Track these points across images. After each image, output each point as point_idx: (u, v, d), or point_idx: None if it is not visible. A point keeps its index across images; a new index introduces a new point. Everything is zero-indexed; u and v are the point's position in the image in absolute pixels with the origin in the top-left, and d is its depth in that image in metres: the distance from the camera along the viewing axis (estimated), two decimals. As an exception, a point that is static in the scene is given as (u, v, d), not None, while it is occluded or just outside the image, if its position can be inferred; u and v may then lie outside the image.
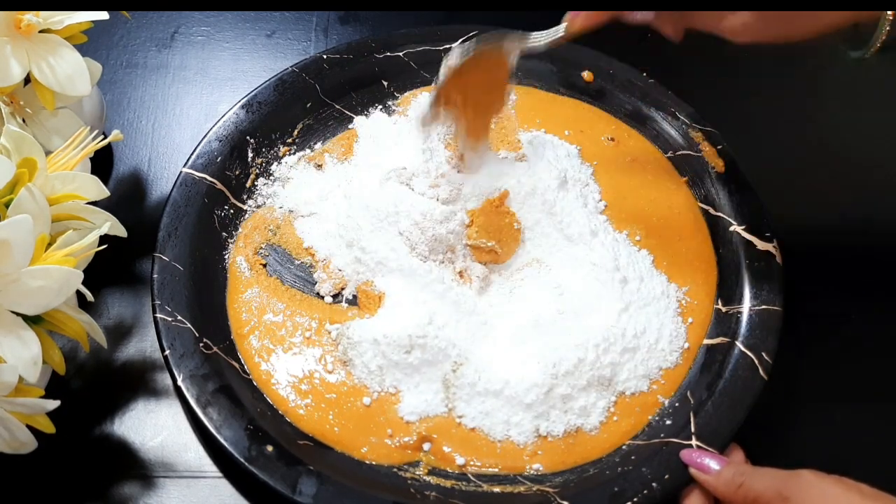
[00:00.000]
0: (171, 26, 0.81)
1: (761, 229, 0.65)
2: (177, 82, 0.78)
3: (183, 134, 0.75)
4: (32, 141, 0.54)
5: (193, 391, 0.58)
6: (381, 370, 0.60)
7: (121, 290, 0.66)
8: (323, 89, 0.73)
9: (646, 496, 0.55)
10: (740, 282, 0.64)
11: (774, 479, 0.50)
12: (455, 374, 0.60)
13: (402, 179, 0.66)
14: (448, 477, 0.58)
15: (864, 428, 0.63)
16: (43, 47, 0.59)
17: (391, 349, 0.60)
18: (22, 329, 0.51)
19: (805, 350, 0.64)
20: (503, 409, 0.59)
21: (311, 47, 0.81)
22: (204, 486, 0.59)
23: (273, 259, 0.66)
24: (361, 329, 0.61)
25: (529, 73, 0.75)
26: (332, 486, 0.55)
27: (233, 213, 0.68)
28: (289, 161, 0.71)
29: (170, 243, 0.64)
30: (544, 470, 0.58)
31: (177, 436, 0.61)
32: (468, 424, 0.59)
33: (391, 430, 0.59)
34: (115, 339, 0.64)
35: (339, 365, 0.61)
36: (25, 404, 0.51)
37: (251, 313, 0.63)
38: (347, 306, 0.64)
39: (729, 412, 0.58)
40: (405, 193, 0.65)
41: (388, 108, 0.74)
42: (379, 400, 0.60)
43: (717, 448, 0.57)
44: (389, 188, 0.65)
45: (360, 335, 0.61)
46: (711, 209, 0.68)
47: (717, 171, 0.69)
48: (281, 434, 0.58)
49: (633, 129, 0.72)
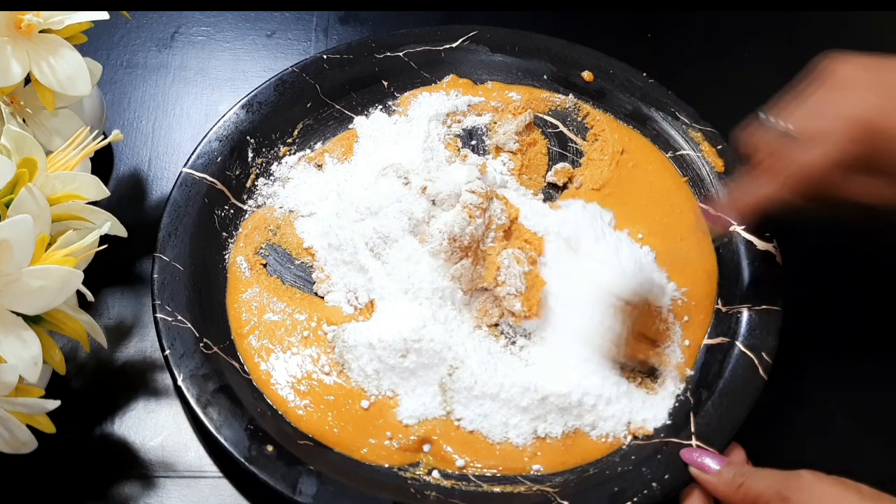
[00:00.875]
0: (172, 26, 0.81)
1: (761, 229, 0.65)
2: (177, 82, 0.78)
3: (183, 134, 0.75)
4: (33, 141, 0.54)
5: (193, 391, 0.58)
6: (377, 374, 0.60)
7: (121, 290, 0.66)
8: (323, 89, 0.73)
9: (646, 496, 0.55)
10: (740, 282, 0.64)
11: (774, 480, 0.50)
12: (451, 378, 0.60)
13: (399, 173, 0.65)
14: (448, 477, 0.58)
15: (864, 428, 0.63)
16: (43, 47, 0.59)
17: (387, 353, 0.59)
18: (22, 329, 0.51)
19: (805, 350, 0.64)
20: (500, 411, 0.59)
21: (311, 47, 0.81)
22: (204, 486, 0.59)
23: (273, 259, 0.66)
24: (356, 333, 0.61)
25: (529, 72, 0.75)
26: (332, 486, 0.55)
27: (233, 213, 0.68)
28: (289, 161, 0.71)
29: (170, 243, 0.64)
30: (544, 471, 0.58)
31: (177, 435, 0.61)
32: (467, 427, 0.59)
33: (390, 433, 0.59)
34: (116, 339, 0.64)
35: (336, 367, 0.61)
36: (26, 404, 0.51)
37: (251, 313, 0.63)
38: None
39: (729, 412, 0.58)
40: (399, 188, 0.64)
41: (388, 108, 0.74)
42: (377, 403, 0.60)
43: (717, 448, 0.57)
44: (384, 184, 0.65)
45: (355, 339, 0.61)
46: (711, 209, 0.68)
47: (718, 171, 0.69)
48: (281, 434, 0.58)
49: (633, 130, 0.72)
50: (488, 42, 0.75)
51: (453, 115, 0.73)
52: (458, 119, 0.73)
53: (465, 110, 0.73)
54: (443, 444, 0.58)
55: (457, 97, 0.74)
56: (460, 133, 0.72)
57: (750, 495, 0.51)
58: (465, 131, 0.72)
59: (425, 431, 0.59)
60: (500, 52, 0.75)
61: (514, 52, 0.75)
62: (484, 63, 0.75)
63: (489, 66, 0.75)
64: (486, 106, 0.73)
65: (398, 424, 0.59)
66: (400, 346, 0.59)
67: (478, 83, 0.75)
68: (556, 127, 0.73)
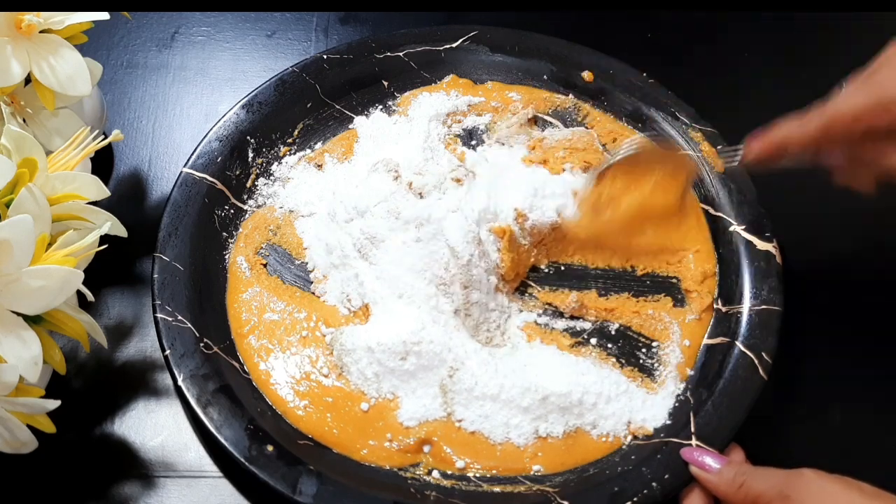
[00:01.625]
0: (172, 26, 0.81)
1: (761, 229, 0.65)
2: (177, 82, 0.78)
3: (183, 134, 0.75)
4: (33, 141, 0.54)
5: (194, 391, 0.58)
6: (377, 377, 0.60)
7: (121, 290, 0.66)
8: (323, 89, 0.73)
9: (646, 496, 0.55)
10: (740, 282, 0.64)
11: (776, 479, 0.50)
12: (452, 380, 0.60)
13: (389, 167, 0.65)
14: (448, 477, 0.58)
15: (864, 428, 0.63)
16: (44, 47, 0.59)
17: (386, 356, 0.59)
18: (22, 329, 0.51)
19: (805, 350, 0.64)
20: (501, 412, 0.59)
21: (311, 47, 0.81)
22: (204, 486, 0.59)
23: (273, 259, 0.66)
24: (355, 336, 0.61)
25: (529, 72, 0.75)
26: (332, 486, 0.55)
27: (233, 213, 0.68)
28: (289, 161, 0.71)
29: (170, 243, 0.64)
30: (545, 471, 0.58)
31: (177, 435, 0.61)
32: (468, 428, 0.59)
33: (390, 435, 0.59)
34: (116, 339, 0.64)
35: (335, 370, 0.61)
36: (26, 404, 0.51)
37: (251, 313, 0.63)
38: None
39: (729, 412, 0.58)
40: (389, 184, 0.64)
41: (388, 109, 0.74)
42: (377, 406, 0.60)
43: (717, 448, 0.57)
44: (374, 179, 0.65)
45: (353, 342, 0.60)
46: (711, 209, 0.68)
47: (717, 171, 0.69)
48: (281, 434, 0.58)
49: (633, 130, 0.72)
50: (488, 42, 0.75)
51: (453, 115, 0.73)
52: (459, 119, 0.73)
53: (465, 110, 0.73)
54: (443, 446, 0.58)
55: (457, 97, 0.74)
56: (460, 133, 0.72)
57: (751, 495, 0.51)
58: (466, 131, 0.72)
59: (426, 433, 0.59)
60: (501, 53, 0.75)
61: (514, 52, 0.75)
62: (484, 63, 0.75)
63: (489, 67, 0.75)
64: (486, 106, 0.73)
65: (398, 426, 0.59)
66: (399, 348, 0.59)
67: (478, 83, 0.75)
68: (557, 127, 0.73)
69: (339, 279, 0.64)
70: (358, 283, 0.63)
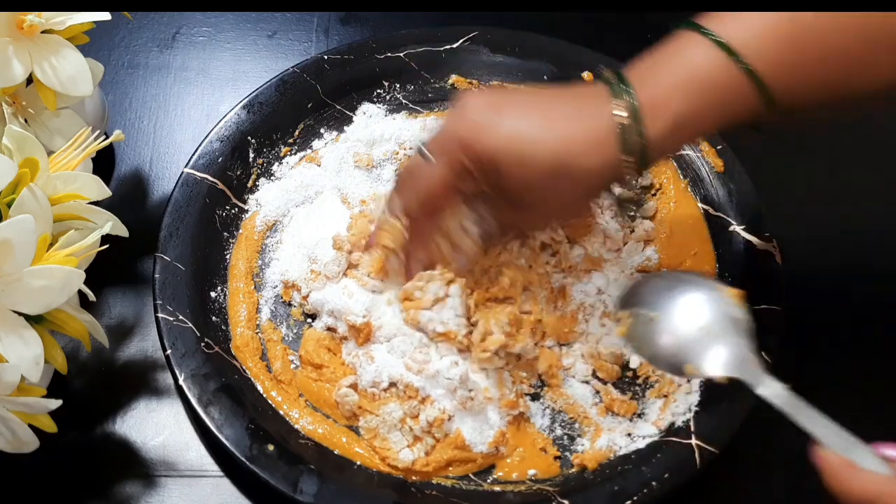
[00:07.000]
0: (173, 27, 0.82)
1: (761, 229, 0.65)
2: (178, 83, 0.79)
3: (184, 134, 0.75)
4: (34, 141, 0.54)
5: (195, 390, 0.58)
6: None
7: (122, 290, 0.67)
8: (324, 90, 0.73)
9: (646, 495, 0.55)
10: (740, 282, 0.64)
11: None
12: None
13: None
14: (448, 476, 0.58)
15: (864, 428, 0.63)
16: (45, 48, 0.59)
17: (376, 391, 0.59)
18: (24, 329, 0.51)
19: (805, 350, 0.64)
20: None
21: (312, 48, 0.81)
22: (205, 485, 0.59)
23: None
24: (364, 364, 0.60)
25: (530, 73, 0.75)
26: (332, 485, 0.55)
27: (234, 213, 0.68)
28: (290, 161, 0.71)
29: (171, 243, 0.64)
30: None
31: (178, 435, 0.61)
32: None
33: None
34: (117, 339, 0.64)
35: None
36: (27, 404, 0.51)
37: (252, 313, 0.63)
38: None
39: (729, 412, 0.58)
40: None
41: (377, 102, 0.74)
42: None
43: (716, 448, 0.57)
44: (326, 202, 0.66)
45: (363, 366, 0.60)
46: (711, 209, 0.68)
47: (717, 171, 0.69)
48: (282, 433, 0.58)
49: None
50: (489, 43, 0.75)
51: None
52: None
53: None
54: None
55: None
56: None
57: None
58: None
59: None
60: (501, 53, 0.75)
61: (514, 52, 0.75)
62: (484, 63, 0.75)
63: (490, 67, 0.75)
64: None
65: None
66: (385, 385, 0.59)
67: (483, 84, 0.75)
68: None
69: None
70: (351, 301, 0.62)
